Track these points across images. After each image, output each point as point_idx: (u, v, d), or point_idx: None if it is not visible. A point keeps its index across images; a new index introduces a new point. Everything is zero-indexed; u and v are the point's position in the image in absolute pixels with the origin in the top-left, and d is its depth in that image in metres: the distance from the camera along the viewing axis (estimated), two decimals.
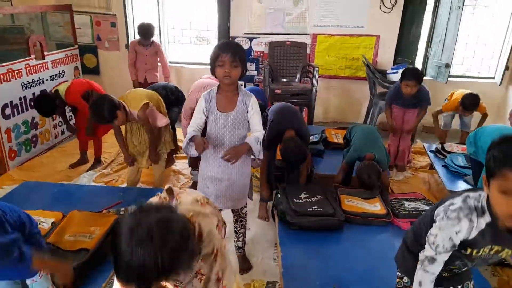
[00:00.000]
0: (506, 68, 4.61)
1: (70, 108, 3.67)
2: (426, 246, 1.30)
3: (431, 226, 1.30)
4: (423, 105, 3.53)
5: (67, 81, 3.44)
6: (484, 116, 3.78)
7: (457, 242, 1.23)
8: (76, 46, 4.63)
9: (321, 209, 2.34)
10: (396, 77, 4.04)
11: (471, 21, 5.06)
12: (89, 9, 5.07)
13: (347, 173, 2.92)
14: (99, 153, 3.73)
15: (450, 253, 1.27)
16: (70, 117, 3.80)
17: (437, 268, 1.29)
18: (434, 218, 1.29)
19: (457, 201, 1.22)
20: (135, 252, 0.92)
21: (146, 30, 4.27)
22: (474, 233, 1.19)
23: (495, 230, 1.17)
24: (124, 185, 3.30)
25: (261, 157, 2.09)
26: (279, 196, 2.53)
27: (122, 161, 3.83)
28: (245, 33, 4.94)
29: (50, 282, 1.57)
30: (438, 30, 4.68)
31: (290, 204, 2.37)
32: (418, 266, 1.32)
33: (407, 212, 2.40)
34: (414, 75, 3.33)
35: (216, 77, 1.99)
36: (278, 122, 2.65)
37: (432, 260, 1.29)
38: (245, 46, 4.98)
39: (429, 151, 3.56)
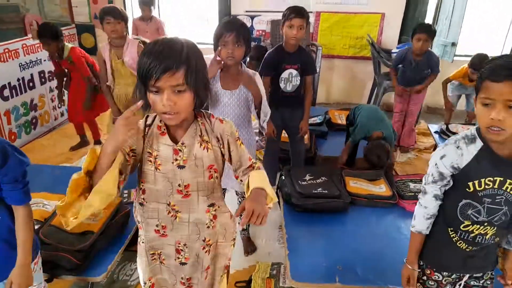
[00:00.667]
0: None
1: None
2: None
3: None
4: (434, 72, 3.45)
5: None
6: None
7: (444, 170, 1.25)
8: (73, 25, 4.53)
9: (326, 191, 2.31)
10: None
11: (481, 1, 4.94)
12: None
13: (351, 154, 2.88)
14: (98, 136, 3.70)
15: (440, 185, 1.28)
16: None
17: (429, 202, 1.32)
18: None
19: (448, 141, 1.28)
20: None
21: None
22: (466, 159, 1.21)
23: (490, 155, 1.18)
24: None
25: (265, 126, 2.13)
26: (283, 178, 2.50)
27: None
28: (246, 11, 4.82)
29: (42, 277, 1.53)
30: (445, 7, 4.56)
31: (295, 186, 2.34)
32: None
33: (413, 194, 2.37)
34: (426, 29, 3.26)
35: (219, 56, 1.93)
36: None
37: (423, 191, 1.34)
38: (247, 24, 4.86)
39: (434, 132, 3.51)
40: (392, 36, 4.76)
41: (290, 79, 2.58)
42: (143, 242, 1.35)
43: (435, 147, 3.73)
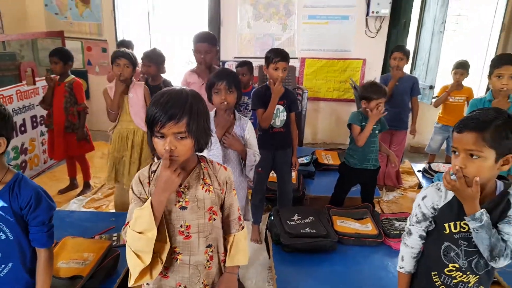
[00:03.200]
0: (488, 89, 4.77)
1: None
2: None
3: None
4: (414, 95, 3.65)
5: None
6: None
7: (426, 211, 1.33)
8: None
9: (314, 231, 2.36)
10: None
11: (453, 44, 5.27)
12: (80, 35, 5.14)
13: (340, 194, 2.92)
14: (88, 178, 3.72)
15: (424, 226, 1.35)
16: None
17: (414, 241, 1.38)
18: None
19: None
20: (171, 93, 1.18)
21: (126, 46, 4.22)
22: (442, 202, 1.30)
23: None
24: (115, 210, 3.28)
25: (250, 176, 2.22)
26: (272, 218, 2.54)
27: (112, 186, 3.81)
28: (235, 57, 5.05)
29: None
30: (421, 54, 4.87)
31: (284, 226, 2.38)
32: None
33: (398, 232, 2.43)
34: (401, 48, 3.56)
35: (213, 104, 2.06)
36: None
37: (408, 232, 1.40)
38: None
39: (417, 171, 3.63)
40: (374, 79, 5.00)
41: (278, 114, 2.72)
42: (147, 284, 1.37)
43: (419, 185, 3.83)
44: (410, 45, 4.89)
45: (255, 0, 4.86)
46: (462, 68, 3.76)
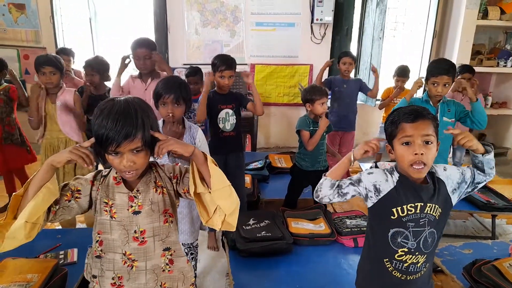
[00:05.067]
0: (425, 91, 5.13)
1: None
2: None
3: None
4: (367, 91, 3.84)
5: None
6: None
7: (365, 181, 1.39)
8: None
9: (269, 234, 2.39)
10: (329, 102, 4.32)
11: (393, 48, 5.62)
12: (16, 43, 4.83)
13: (292, 196, 2.98)
14: None
15: (353, 188, 1.41)
16: None
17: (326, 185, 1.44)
18: None
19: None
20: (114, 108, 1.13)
21: (64, 54, 3.97)
22: (389, 186, 1.35)
23: (408, 184, 1.33)
24: (61, 227, 3.10)
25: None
26: None
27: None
28: (184, 64, 5.00)
29: None
30: (363, 59, 5.13)
31: (240, 231, 2.39)
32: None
33: (349, 230, 2.53)
34: (349, 53, 3.76)
35: (159, 113, 2.01)
36: None
37: (339, 185, 1.43)
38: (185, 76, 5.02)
39: (365, 170, 3.80)
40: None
41: (227, 118, 2.74)
42: None
43: None
44: (353, 50, 5.14)
45: (202, 7, 4.85)
46: (403, 75, 4.09)
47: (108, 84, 3.43)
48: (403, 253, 1.38)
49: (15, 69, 4.86)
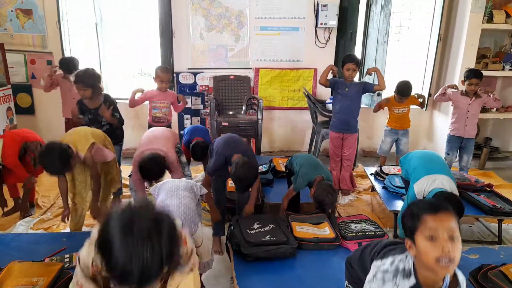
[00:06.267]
0: (429, 95, 5.11)
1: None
2: None
3: (371, 263, 1.44)
4: (371, 89, 3.81)
5: None
6: (422, 105, 4.36)
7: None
8: (9, 86, 4.41)
9: (274, 238, 2.38)
10: (331, 105, 4.32)
11: (398, 52, 5.60)
12: (23, 48, 4.87)
13: (294, 201, 3.00)
14: (32, 198, 3.49)
15: None
16: None
17: None
18: (370, 265, 1.43)
19: (387, 263, 1.34)
20: (135, 252, 0.93)
21: (66, 64, 3.98)
22: None
23: None
24: (67, 230, 3.11)
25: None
26: (232, 228, 2.53)
27: (62, 205, 3.61)
28: (189, 68, 5.02)
29: None
30: (368, 62, 5.12)
31: (244, 236, 2.39)
32: None
33: (354, 234, 2.52)
34: (353, 58, 3.72)
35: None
36: (224, 150, 2.71)
37: None
38: (190, 81, 5.05)
39: (370, 174, 3.80)
40: (325, 88, 5.16)
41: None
42: None
43: (372, 188, 4.00)
44: (357, 54, 5.13)
45: (207, 12, 4.88)
46: (405, 95, 4.06)
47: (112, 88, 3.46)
48: None
49: (22, 74, 4.92)
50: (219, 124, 4.42)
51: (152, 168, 2.65)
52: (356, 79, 3.84)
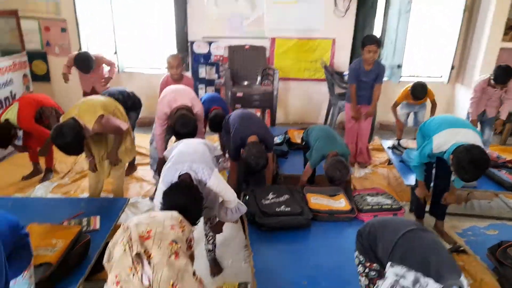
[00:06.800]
0: (452, 67, 4.92)
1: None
2: None
3: (390, 259, 1.34)
4: (379, 82, 3.66)
5: (11, 105, 3.11)
6: (434, 104, 3.94)
7: None
8: (24, 53, 4.39)
9: (289, 209, 2.37)
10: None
11: (420, 23, 5.36)
12: (36, 14, 4.82)
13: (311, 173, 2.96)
14: (51, 164, 3.55)
15: None
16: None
17: None
18: (386, 269, 1.33)
19: (409, 279, 1.23)
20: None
21: (82, 63, 3.89)
22: None
23: None
24: (84, 195, 3.17)
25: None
26: (247, 198, 2.53)
27: (79, 171, 3.68)
28: (203, 37, 4.92)
29: (32, 283, 1.57)
30: (389, 33, 4.93)
31: (259, 206, 2.38)
32: None
33: (370, 207, 2.49)
34: (375, 40, 3.50)
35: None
36: (240, 130, 2.67)
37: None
38: (204, 50, 4.96)
39: (387, 148, 3.72)
40: (343, 59, 5.03)
41: None
42: None
43: (388, 161, 3.93)
44: (378, 24, 4.94)
45: None
46: (421, 99, 3.79)
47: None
48: None
49: (37, 41, 4.90)
50: (234, 95, 4.36)
51: (187, 126, 2.64)
52: None
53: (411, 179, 3.06)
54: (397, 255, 1.33)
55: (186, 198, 1.63)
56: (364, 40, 3.54)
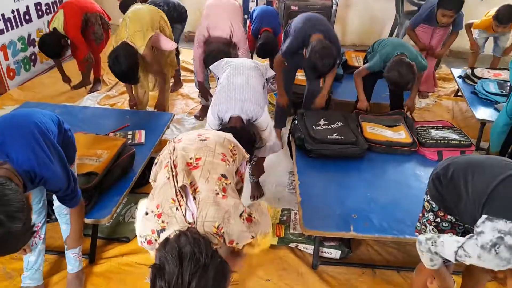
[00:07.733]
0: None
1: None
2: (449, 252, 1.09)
3: (484, 211, 1.07)
4: (455, 30, 3.18)
5: (57, 12, 3.02)
6: None
7: None
8: None
9: (342, 137, 2.18)
10: None
11: None
12: None
13: (366, 91, 2.65)
14: (98, 74, 3.53)
15: None
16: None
17: None
18: (479, 223, 1.06)
19: None
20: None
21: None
22: None
23: None
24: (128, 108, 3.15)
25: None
26: (296, 122, 2.36)
27: None
28: None
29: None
30: None
31: (309, 131, 2.21)
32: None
33: (435, 141, 2.23)
34: (455, 3, 2.91)
35: None
36: (304, 29, 2.34)
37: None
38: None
39: (457, 77, 3.28)
40: None
41: None
42: None
43: (455, 92, 3.52)
44: None
45: None
46: (502, 22, 3.14)
47: None
48: None
49: None
50: (288, 8, 3.97)
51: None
52: None
53: (483, 114, 2.70)
54: (498, 206, 1.06)
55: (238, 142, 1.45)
56: (440, 2, 2.92)
